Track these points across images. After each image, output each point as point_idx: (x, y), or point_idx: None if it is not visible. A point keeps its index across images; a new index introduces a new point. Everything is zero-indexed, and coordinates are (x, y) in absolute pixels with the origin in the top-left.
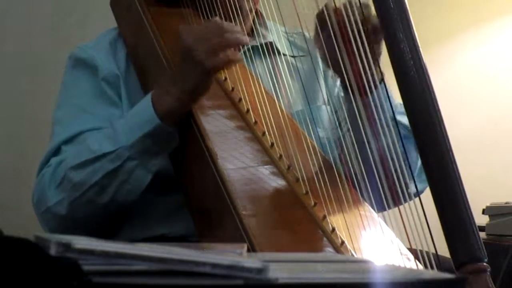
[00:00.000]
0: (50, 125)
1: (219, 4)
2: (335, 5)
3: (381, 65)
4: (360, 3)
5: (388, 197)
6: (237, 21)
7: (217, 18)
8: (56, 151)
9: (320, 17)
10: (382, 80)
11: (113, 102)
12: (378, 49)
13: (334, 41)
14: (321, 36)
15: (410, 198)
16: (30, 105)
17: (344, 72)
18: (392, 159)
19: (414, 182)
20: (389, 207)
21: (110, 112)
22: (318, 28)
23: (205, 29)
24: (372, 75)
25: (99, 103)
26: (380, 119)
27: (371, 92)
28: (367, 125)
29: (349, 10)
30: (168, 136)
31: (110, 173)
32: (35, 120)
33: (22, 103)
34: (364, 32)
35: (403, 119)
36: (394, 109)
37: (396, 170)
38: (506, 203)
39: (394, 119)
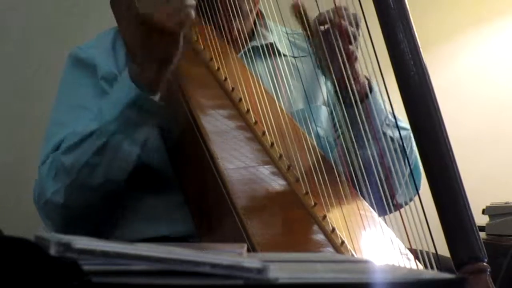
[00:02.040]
0: (48, 124)
1: (218, 4)
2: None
3: (381, 65)
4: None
5: (376, 205)
6: (237, 21)
7: None
8: (56, 150)
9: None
10: (370, 88)
11: None
12: (353, 55)
13: (324, 45)
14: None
15: (396, 209)
16: (30, 105)
17: (331, 78)
18: (378, 170)
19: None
20: (378, 215)
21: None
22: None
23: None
24: (355, 83)
25: (98, 100)
26: (367, 130)
27: (361, 101)
28: (355, 134)
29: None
30: (150, 104)
31: (98, 151)
32: (35, 120)
33: (22, 103)
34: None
35: (394, 132)
36: (383, 120)
37: (381, 181)
38: (506, 203)
39: (379, 131)
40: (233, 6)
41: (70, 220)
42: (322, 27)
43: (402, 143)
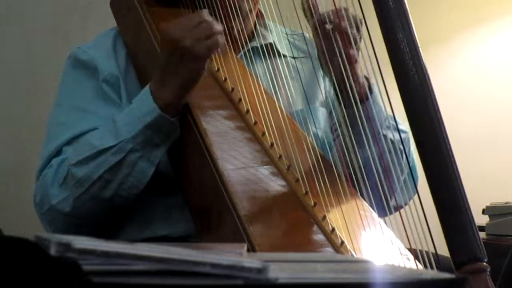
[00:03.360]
0: (47, 125)
1: (218, 4)
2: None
3: (380, 65)
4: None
5: (375, 206)
6: (237, 21)
7: (200, 11)
8: (58, 153)
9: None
10: (370, 90)
11: (114, 103)
12: (354, 56)
13: (323, 43)
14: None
15: (391, 212)
16: (30, 105)
17: (331, 79)
18: (376, 172)
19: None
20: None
21: (111, 112)
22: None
23: (188, 21)
24: (356, 85)
25: (100, 103)
26: (367, 131)
27: (355, 103)
28: (354, 135)
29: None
30: (169, 126)
31: (113, 167)
32: (35, 120)
33: (22, 104)
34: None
35: (394, 134)
36: (383, 121)
37: (380, 182)
38: (506, 203)
39: (379, 133)
40: (232, 7)
41: (74, 227)
42: (323, 27)
43: (403, 145)
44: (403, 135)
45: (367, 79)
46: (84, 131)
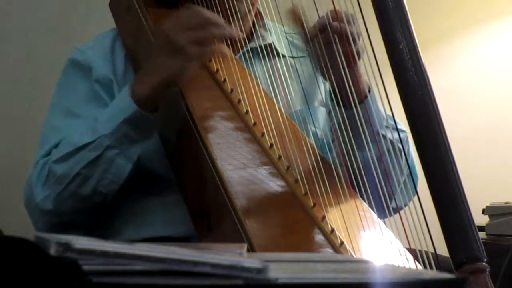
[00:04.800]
0: (42, 127)
1: (217, 5)
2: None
3: (380, 65)
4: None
5: (375, 207)
6: (235, 22)
7: (198, 7)
8: (47, 156)
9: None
10: (369, 91)
11: (105, 104)
12: (356, 55)
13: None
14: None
15: (390, 214)
16: (31, 105)
17: (330, 81)
18: (375, 173)
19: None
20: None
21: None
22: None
23: (186, 18)
24: (354, 87)
25: (91, 105)
26: (366, 132)
27: (355, 104)
28: (354, 136)
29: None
30: (147, 122)
31: (91, 163)
32: (35, 120)
33: (22, 104)
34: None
35: (393, 134)
36: (381, 122)
37: (379, 183)
38: (506, 203)
39: (378, 133)
40: (231, 7)
41: (56, 226)
42: (323, 32)
43: (402, 145)
44: (402, 135)
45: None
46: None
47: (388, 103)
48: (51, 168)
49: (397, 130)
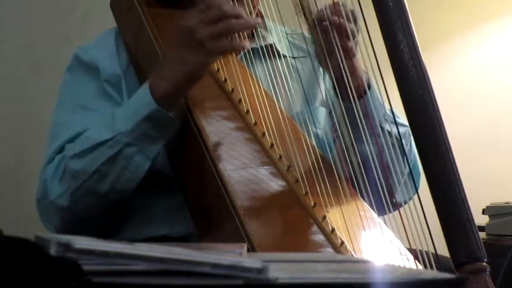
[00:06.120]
0: (50, 125)
1: None
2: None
3: (380, 66)
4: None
5: (376, 204)
6: None
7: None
8: (61, 150)
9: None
10: (368, 84)
11: (116, 102)
12: (351, 49)
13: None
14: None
15: (395, 208)
16: (30, 105)
17: (329, 74)
18: (376, 167)
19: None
20: (378, 214)
21: (113, 111)
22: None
23: (205, 12)
24: (352, 80)
25: (102, 102)
26: (366, 126)
27: (353, 97)
28: (354, 130)
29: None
30: (166, 120)
31: (109, 160)
32: (35, 120)
33: (22, 103)
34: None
35: (393, 128)
36: (382, 117)
37: (379, 179)
38: (506, 203)
39: (380, 128)
40: None
41: (72, 223)
42: (321, 24)
43: (401, 139)
44: (403, 129)
45: (366, 73)
46: (86, 128)
47: (388, 103)
48: (67, 164)
49: (396, 124)
